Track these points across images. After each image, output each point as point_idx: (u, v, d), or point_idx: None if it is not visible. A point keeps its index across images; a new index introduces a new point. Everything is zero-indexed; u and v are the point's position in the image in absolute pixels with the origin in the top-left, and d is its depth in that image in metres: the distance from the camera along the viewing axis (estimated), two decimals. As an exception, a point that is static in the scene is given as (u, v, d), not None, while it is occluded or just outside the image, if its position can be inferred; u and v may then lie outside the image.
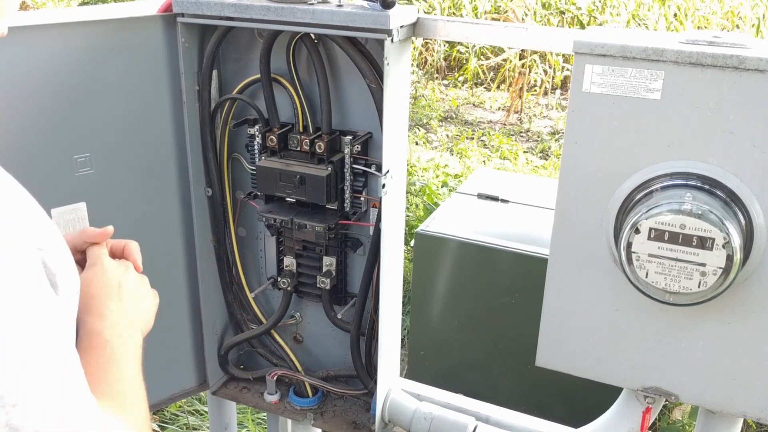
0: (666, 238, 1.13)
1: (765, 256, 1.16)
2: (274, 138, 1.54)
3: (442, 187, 5.04)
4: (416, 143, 6.51)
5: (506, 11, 8.16)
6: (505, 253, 2.50)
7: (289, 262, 1.68)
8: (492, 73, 8.42)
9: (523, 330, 2.07)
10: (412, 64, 7.89)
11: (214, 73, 1.57)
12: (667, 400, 1.34)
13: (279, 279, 1.69)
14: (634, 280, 1.19)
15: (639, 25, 8.10)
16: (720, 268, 1.11)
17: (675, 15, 8.31)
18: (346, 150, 1.52)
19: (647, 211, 1.14)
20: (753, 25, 8.26)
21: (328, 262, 1.64)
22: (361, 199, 1.58)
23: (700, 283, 1.13)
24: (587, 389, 1.84)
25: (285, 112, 1.57)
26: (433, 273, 2.66)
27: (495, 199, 2.83)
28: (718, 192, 1.14)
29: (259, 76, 1.53)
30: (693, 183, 1.15)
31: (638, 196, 1.19)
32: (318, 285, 1.65)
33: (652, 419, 1.40)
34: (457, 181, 5.20)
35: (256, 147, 1.59)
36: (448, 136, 6.87)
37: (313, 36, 1.47)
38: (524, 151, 6.36)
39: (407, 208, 4.56)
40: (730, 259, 1.10)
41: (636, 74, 1.14)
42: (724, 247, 1.10)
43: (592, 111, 1.19)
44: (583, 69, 1.18)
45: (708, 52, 1.10)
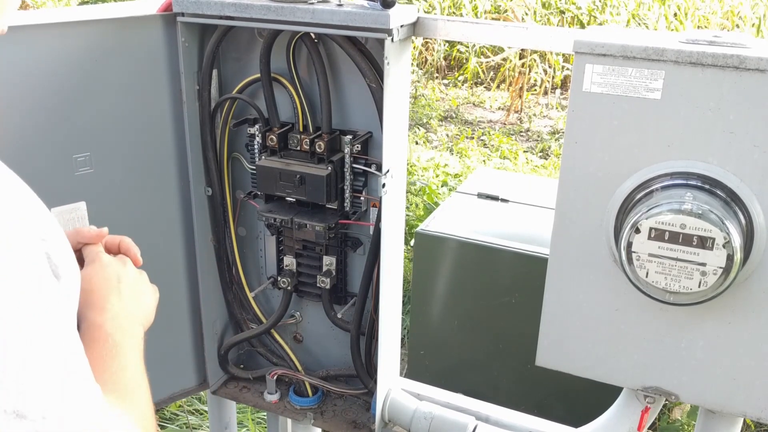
0: (666, 238, 1.13)
1: (765, 256, 1.16)
2: (274, 137, 1.54)
3: (442, 186, 5.04)
4: (416, 143, 6.51)
5: (506, 11, 8.16)
6: (505, 253, 2.50)
7: (289, 261, 1.68)
8: (492, 73, 8.42)
9: (523, 330, 2.07)
10: (412, 64, 7.89)
11: (214, 72, 1.57)
12: (667, 400, 1.34)
13: (279, 278, 1.69)
14: (634, 279, 1.19)
15: (639, 24, 8.09)
16: (720, 267, 1.11)
17: (675, 15, 8.31)
18: (346, 149, 1.52)
19: (647, 211, 1.14)
20: (753, 24, 8.26)
21: (328, 261, 1.64)
22: (361, 198, 1.58)
23: (700, 282, 1.13)
24: (587, 389, 1.84)
25: (285, 111, 1.57)
26: (433, 273, 2.66)
27: (495, 198, 2.83)
28: (719, 192, 1.14)
29: (259, 75, 1.53)
30: (693, 183, 1.15)
31: (638, 196, 1.19)
32: (318, 284, 1.65)
33: (651, 419, 1.40)
34: (457, 181, 5.20)
35: (256, 146, 1.59)
36: (448, 135, 6.87)
37: (313, 35, 1.46)
38: (524, 151, 6.36)
39: (407, 208, 4.56)
40: (730, 258, 1.10)
41: (636, 74, 1.14)
42: (724, 246, 1.10)
43: (592, 111, 1.19)
44: (583, 69, 1.17)
45: (708, 52, 1.10)
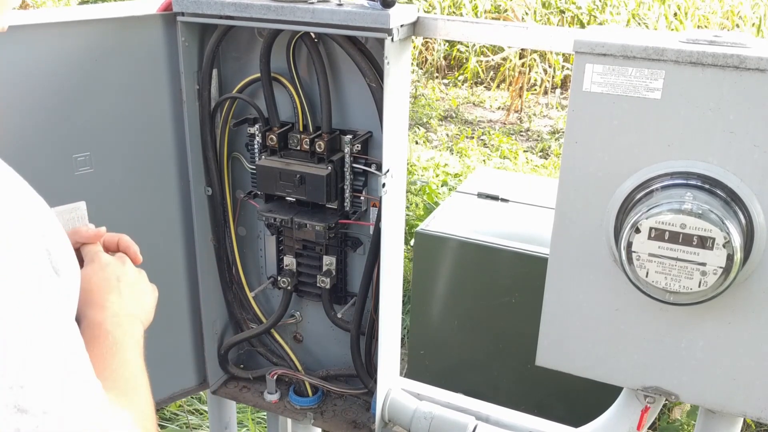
0: (666, 238, 1.13)
1: (765, 256, 1.16)
2: (274, 137, 1.54)
3: (442, 186, 5.04)
4: (416, 142, 6.51)
5: (506, 10, 8.16)
6: (505, 253, 2.50)
7: (289, 261, 1.68)
8: (492, 73, 8.42)
9: (523, 330, 2.07)
10: (412, 64, 7.89)
11: (214, 72, 1.57)
12: (667, 400, 1.34)
13: (279, 278, 1.69)
14: (634, 279, 1.19)
15: (639, 24, 8.09)
16: (720, 267, 1.11)
17: (675, 14, 8.31)
18: (346, 149, 1.52)
19: (647, 211, 1.14)
20: (753, 24, 8.26)
21: (328, 261, 1.64)
22: (361, 198, 1.58)
23: (700, 282, 1.13)
24: (587, 389, 1.84)
25: (285, 111, 1.57)
26: (433, 272, 2.66)
27: (495, 198, 2.83)
28: (719, 191, 1.14)
29: (259, 75, 1.53)
30: (693, 182, 1.15)
31: (638, 196, 1.19)
32: (318, 284, 1.65)
33: (651, 419, 1.40)
34: (457, 181, 5.20)
35: (256, 146, 1.59)
36: (448, 135, 6.87)
37: (313, 35, 1.46)
38: (524, 151, 6.36)
39: (407, 208, 4.56)
40: (730, 258, 1.10)
41: (636, 74, 1.14)
42: (724, 246, 1.10)
43: (592, 110, 1.19)
44: (583, 68, 1.17)
45: (708, 52, 1.10)
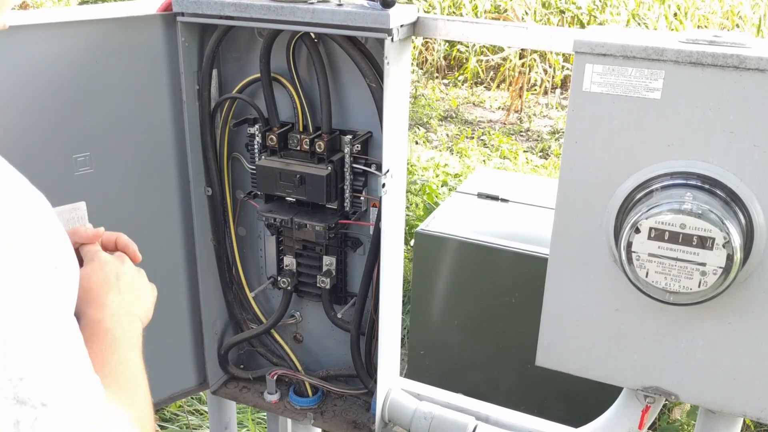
0: (666, 238, 1.13)
1: (765, 256, 1.16)
2: (274, 137, 1.54)
3: (442, 186, 5.04)
4: (416, 142, 6.51)
5: (506, 10, 8.16)
6: (505, 253, 2.49)
7: (289, 261, 1.68)
8: (492, 73, 8.42)
9: (523, 330, 2.07)
10: (412, 64, 7.89)
11: (214, 72, 1.57)
12: (667, 400, 1.34)
13: (279, 278, 1.69)
14: (634, 279, 1.19)
15: (639, 24, 8.09)
16: (720, 267, 1.11)
17: (675, 14, 8.31)
18: (346, 149, 1.52)
19: (647, 211, 1.14)
20: (753, 24, 8.26)
21: (328, 261, 1.64)
22: (361, 198, 1.58)
23: (700, 282, 1.13)
24: (587, 389, 1.84)
25: (285, 111, 1.57)
26: (433, 273, 2.66)
27: (495, 198, 2.83)
28: (719, 191, 1.14)
29: (259, 75, 1.53)
30: (693, 182, 1.15)
31: (638, 196, 1.19)
32: (318, 284, 1.65)
33: (652, 419, 1.40)
34: (457, 181, 5.20)
35: (256, 146, 1.59)
36: (448, 135, 6.87)
37: (313, 35, 1.46)
38: (524, 151, 6.36)
39: (407, 208, 4.56)
40: (730, 258, 1.10)
41: (636, 74, 1.14)
42: (724, 246, 1.10)
43: (592, 110, 1.19)
44: (583, 68, 1.17)
45: (708, 52, 1.10)
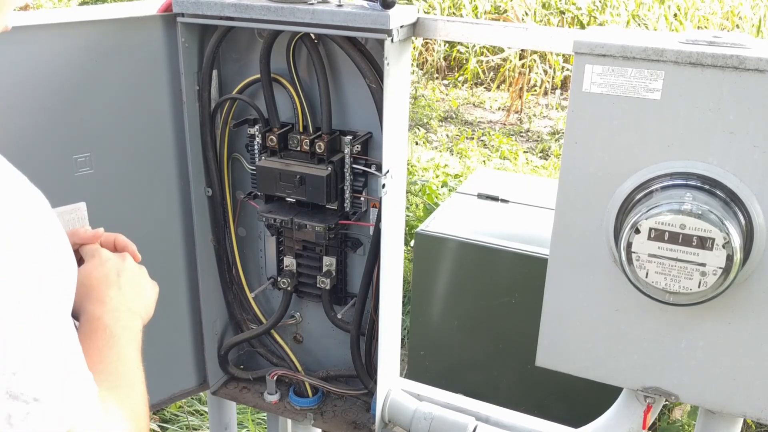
0: (666, 238, 1.13)
1: (765, 256, 1.16)
2: (274, 138, 1.55)
3: (442, 187, 5.04)
4: (416, 143, 6.51)
5: (506, 11, 8.16)
6: (505, 253, 2.50)
7: (289, 262, 1.68)
8: (492, 73, 8.42)
9: (523, 330, 2.07)
10: (412, 64, 7.89)
11: (214, 73, 1.57)
12: (667, 400, 1.34)
13: (279, 279, 1.69)
14: (634, 280, 1.19)
15: (639, 25, 8.10)
16: (720, 268, 1.11)
17: (675, 15, 8.31)
18: (346, 150, 1.52)
19: (647, 211, 1.14)
20: (753, 25, 8.26)
21: (328, 262, 1.64)
22: (361, 199, 1.58)
23: (700, 283, 1.13)
24: (587, 389, 1.84)
25: (285, 112, 1.57)
26: (433, 273, 2.66)
27: (495, 199, 2.83)
28: (718, 192, 1.14)
29: (259, 76, 1.53)
30: (693, 183, 1.15)
31: (638, 196, 1.19)
32: (318, 285, 1.65)
33: (652, 418, 1.40)
34: (457, 181, 5.20)
35: (256, 147, 1.59)
36: (448, 136, 6.87)
37: (313, 36, 1.47)
38: (524, 151, 6.36)
39: (407, 208, 4.56)
40: (730, 259, 1.10)
41: (636, 74, 1.14)
42: (724, 247, 1.10)
43: (592, 111, 1.19)
44: (583, 69, 1.18)
45: (708, 52, 1.10)
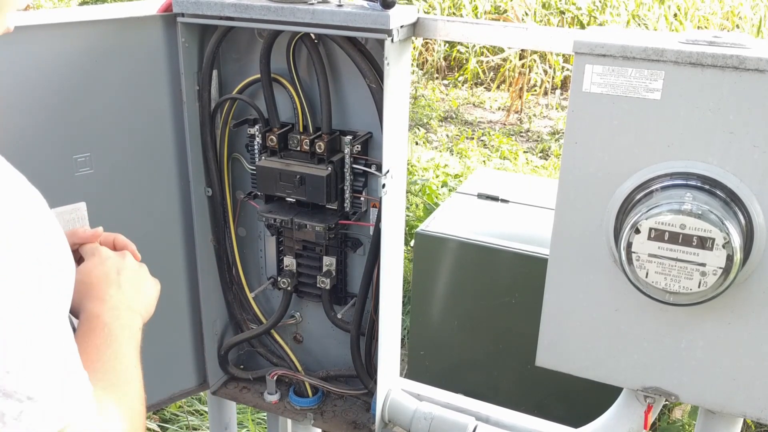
0: (666, 238, 1.13)
1: (765, 256, 1.16)
2: (274, 138, 1.55)
3: (442, 187, 5.04)
4: (416, 143, 6.51)
5: (506, 11, 8.16)
6: (505, 253, 2.49)
7: (289, 261, 1.68)
8: (492, 73, 8.42)
9: (523, 330, 2.07)
10: (412, 64, 7.89)
11: (214, 73, 1.57)
12: (667, 400, 1.34)
13: (279, 279, 1.69)
14: (634, 280, 1.19)
15: (639, 25, 8.09)
16: (720, 268, 1.11)
17: (675, 15, 8.31)
18: (346, 150, 1.52)
19: (647, 211, 1.14)
20: (753, 25, 8.26)
21: (328, 262, 1.64)
22: (361, 199, 1.58)
23: (700, 283, 1.13)
24: (587, 389, 1.84)
25: (285, 112, 1.57)
26: (433, 273, 2.66)
27: (495, 199, 2.83)
28: (718, 192, 1.14)
29: (259, 76, 1.53)
30: (693, 183, 1.15)
31: (638, 196, 1.19)
32: (318, 285, 1.65)
33: (652, 418, 1.40)
34: (457, 181, 5.20)
35: (256, 147, 1.59)
36: (448, 136, 6.87)
37: (313, 36, 1.47)
38: (524, 151, 6.36)
39: (407, 208, 4.56)
40: (730, 259, 1.10)
41: (636, 74, 1.14)
42: (724, 247, 1.10)
43: (592, 111, 1.19)
44: (583, 69, 1.18)
45: (708, 52, 1.10)
